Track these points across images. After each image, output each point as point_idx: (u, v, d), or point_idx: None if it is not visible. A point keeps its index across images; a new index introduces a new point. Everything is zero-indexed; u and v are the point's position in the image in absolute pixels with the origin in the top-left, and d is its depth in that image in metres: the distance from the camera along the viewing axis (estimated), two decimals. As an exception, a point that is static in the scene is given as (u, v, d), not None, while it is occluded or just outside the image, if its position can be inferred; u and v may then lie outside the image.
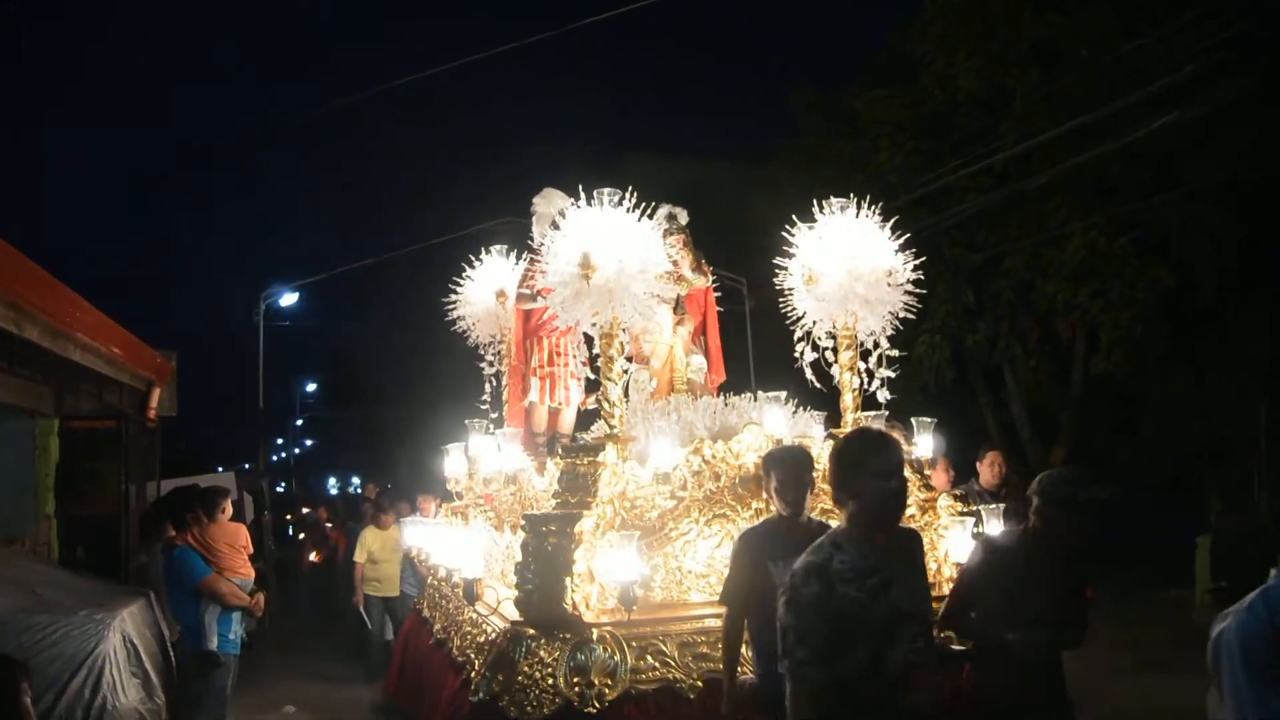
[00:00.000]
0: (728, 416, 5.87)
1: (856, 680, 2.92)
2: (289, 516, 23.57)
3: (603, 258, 5.30)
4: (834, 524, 3.64)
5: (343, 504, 18.47)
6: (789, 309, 6.11)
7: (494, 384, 8.27)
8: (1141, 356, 13.70)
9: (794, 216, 6.02)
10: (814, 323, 6.06)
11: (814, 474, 4.38)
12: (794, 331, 6.10)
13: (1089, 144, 12.04)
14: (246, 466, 21.30)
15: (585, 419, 7.73)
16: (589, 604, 4.87)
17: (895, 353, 5.99)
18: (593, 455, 5.18)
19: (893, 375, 6.00)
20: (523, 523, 5.04)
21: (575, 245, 5.34)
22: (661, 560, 5.15)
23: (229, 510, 6.74)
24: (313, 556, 15.18)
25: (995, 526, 5.44)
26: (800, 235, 5.99)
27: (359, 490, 39.41)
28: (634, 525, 5.16)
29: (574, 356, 7.57)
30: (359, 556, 10.28)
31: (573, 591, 4.79)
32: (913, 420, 6.17)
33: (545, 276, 5.53)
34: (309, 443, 48.62)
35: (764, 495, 5.32)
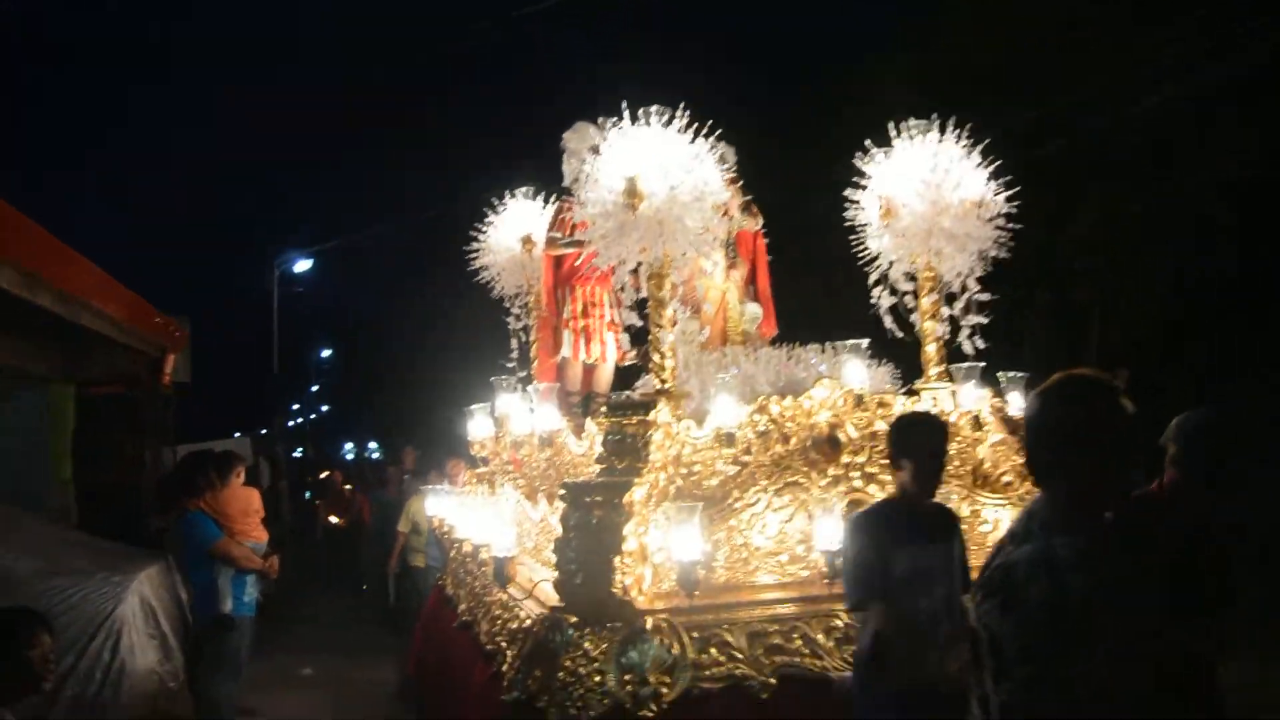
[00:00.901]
0: (794, 370, 5.12)
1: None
2: (308, 480, 22.96)
3: (652, 184, 4.55)
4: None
5: (370, 468, 17.74)
6: (859, 248, 5.35)
7: (521, 339, 7.53)
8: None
9: (868, 142, 5.24)
10: (889, 263, 5.29)
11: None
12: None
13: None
14: (264, 432, 20.84)
15: (623, 376, 7.03)
16: (641, 587, 4.16)
17: (986, 296, 5.21)
18: (643, 413, 4.44)
19: (984, 322, 5.23)
20: (562, 492, 4.31)
21: (620, 170, 4.58)
22: (724, 535, 4.43)
23: (242, 475, 6.81)
24: (334, 519, 14.52)
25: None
26: (874, 162, 5.20)
27: (375, 455, 39.04)
28: (691, 495, 4.45)
29: (610, 306, 6.84)
30: (403, 525, 9.65)
31: (623, 573, 4.07)
32: (999, 376, 5.39)
33: (583, 209, 4.76)
34: (325, 408, 48.21)
35: (839, 466, 4.62)
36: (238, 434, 16.54)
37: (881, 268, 5.29)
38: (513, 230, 7.42)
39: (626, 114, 4.68)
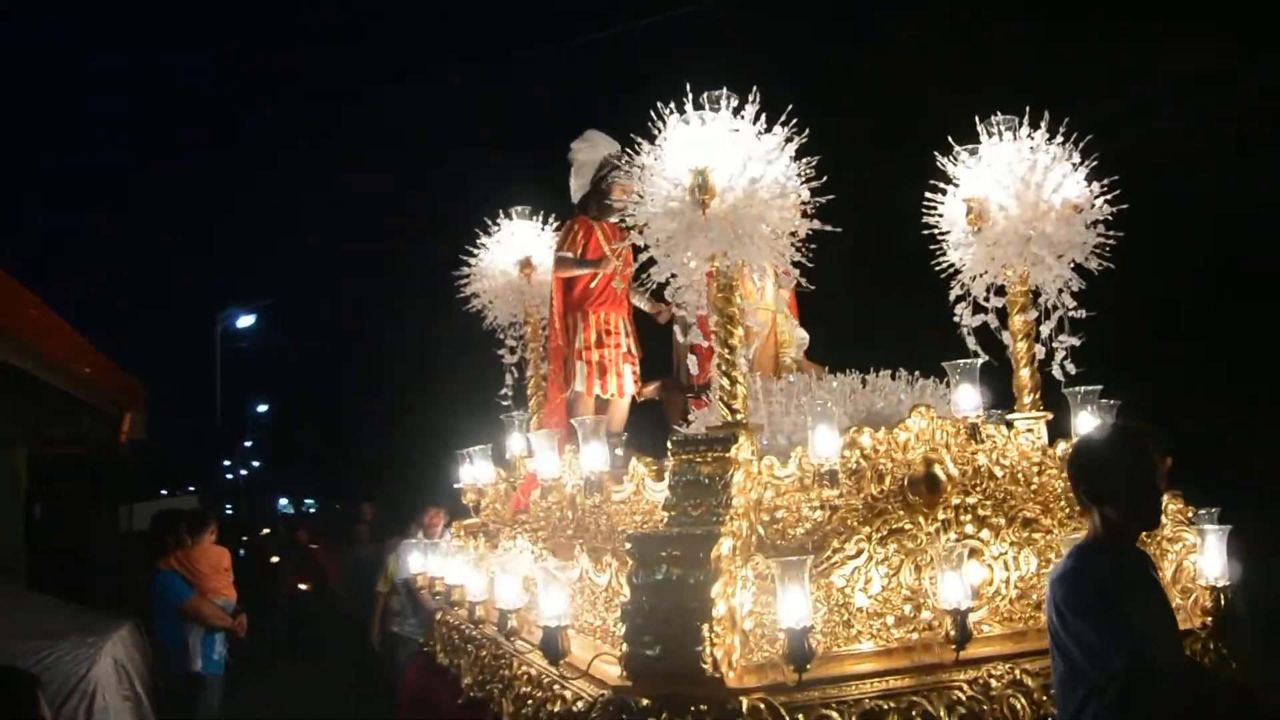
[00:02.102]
0: (871, 400, 4.41)
1: None
2: (244, 539, 21.63)
3: (727, 178, 3.84)
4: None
5: (324, 525, 16.33)
6: (939, 261, 4.69)
7: (515, 375, 6.74)
8: None
9: (950, 139, 4.60)
10: (973, 277, 4.64)
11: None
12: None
13: None
14: (191, 489, 20.15)
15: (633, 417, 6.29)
16: (731, 661, 3.38)
17: (1082, 313, 4.56)
18: (720, 450, 3.68)
19: (1077, 344, 4.58)
20: (628, 547, 3.52)
21: (687, 162, 3.86)
22: (822, 595, 3.67)
23: (214, 532, 6.96)
24: (302, 585, 13.10)
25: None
26: (961, 162, 4.57)
27: (310, 511, 37.55)
28: (775, 547, 3.70)
29: (627, 335, 6.11)
30: (383, 585, 8.66)
31: (711, 644, 3.29)
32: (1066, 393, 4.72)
33: (640, 205, 4.03)
34: (256, 464, 46.72)
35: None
36: (190, 489, 15.67)
37: (964, 282, 4.64)
38: (509, 253, 6.66)
39: (689, 102, 3.99)
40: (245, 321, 25.62)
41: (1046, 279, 4.48)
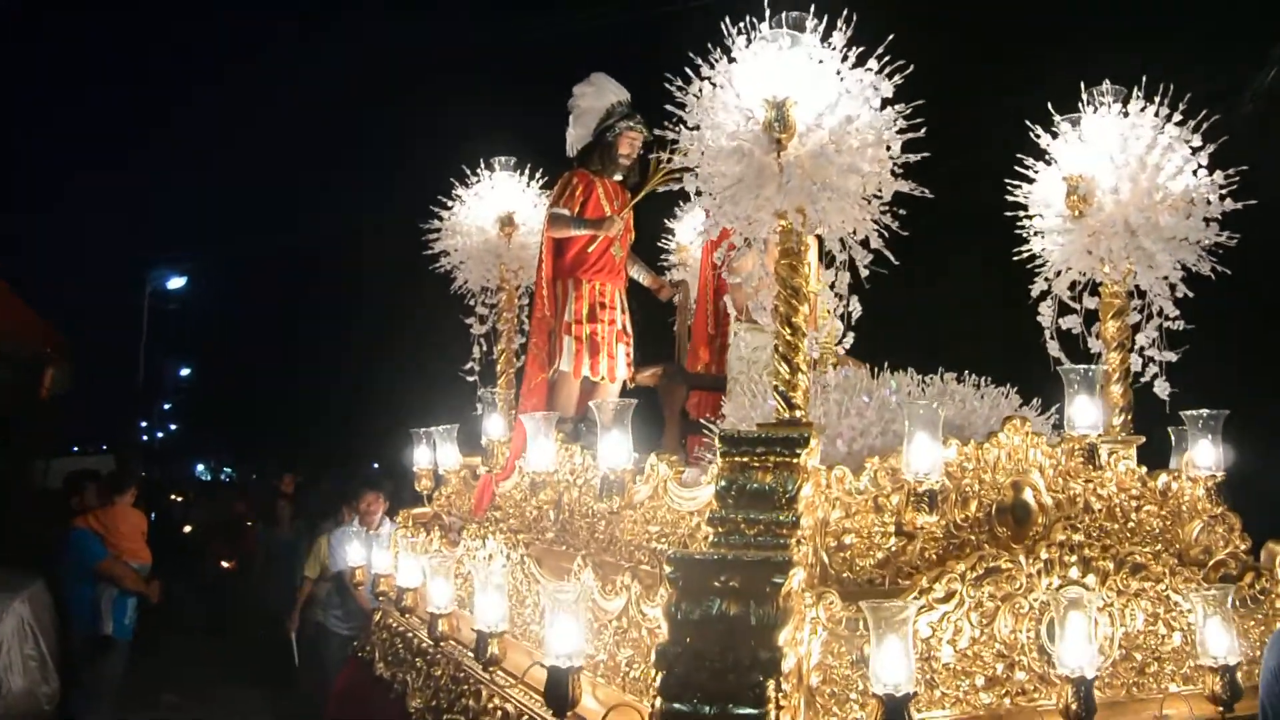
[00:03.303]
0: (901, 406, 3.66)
1: None
2: (156, 503, 20.26)
3: (813, 114, 3.07)
4: None
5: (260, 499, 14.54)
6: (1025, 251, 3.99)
7: (484, 347, 5.90)
8: None
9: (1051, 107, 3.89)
10: (1057, 272, 3.94)
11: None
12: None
13: None
14: (104, 448, 19.08)
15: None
16: (797, 726, 2.61)
17: (1180, 324, 3.87)
18: (787, 452, 2.90)
19: (1173, 358, 3.89)
20: (668, 572, 2.72)
21: (762, 90, 3.08)
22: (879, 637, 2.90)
23: (134, 495, 6.88)
24: (225, 563, 11.60)
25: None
26: (1060, 138, 3.86)
27: (228, 477, 36.05)
28: (841, 581, 2.96)
29: (623, 311, 5.32)
30: (310, 570, 7.69)
31: (777, 705, 2.52)
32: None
33: (698, 144, 3.23)
34: (173, 426, 45.01)
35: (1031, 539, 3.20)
36: (104, 447, 14.71)
37: (1049, 277, 3.94)
38: (488, 208, 5.82)
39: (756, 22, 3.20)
40: (175, 283, 25.11)
41: (1153, 279, 3.78)
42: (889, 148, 3.18)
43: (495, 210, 5.78)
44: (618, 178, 5.40)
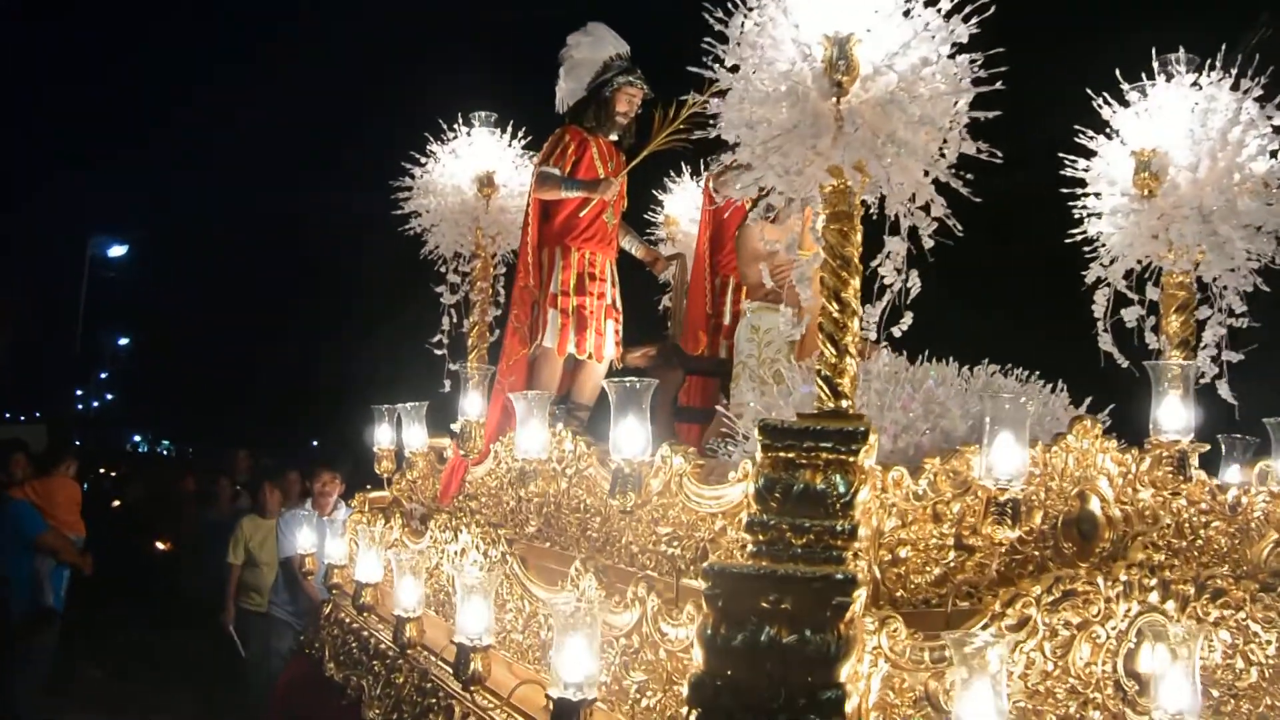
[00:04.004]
0: (984, 403, 3.24)
1: None
2: (89, 475, 19.28)
3: (882, 54, 2.62)
4: None
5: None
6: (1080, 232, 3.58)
7: (454, 319, 5.40)
8: None
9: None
10: (1111, 259, 3.54)
11: None
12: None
13: None
14: (37, 415, 18.45)
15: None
16: (852, 780, 2.17)
17: (1243, 320, 3.49)
18: (843, 449, 2.45)
19: (1236, 359, 3.51)
20: (705, 588, 2.26)
21: (821, 24, 2.62)
22: (961, 678, 2.47)
23: (72, 468, 6.96)
24: (160, 544, 10.75)
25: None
26: (1128, 104, 3.45)
27: (166, 450, 35.02)
28: (894, 601, 2.53)
29: (613, 284, 4.86)
30: (234, 556, 7.10)
31: (836, 755, 2.08)
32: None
33: (741, 85, 2.75)
34: (109, 396, 43.71)
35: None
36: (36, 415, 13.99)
37: (1104, 264, 3.53)
38: (465, 167, 5.32)
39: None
40: (116, 251, 24.90)
41: (1225, 269, 3.39)
42: (957, 102, 2.75)
43: (473, 169, 5.28)
44: (613, 137, 4.94)
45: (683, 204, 6.03)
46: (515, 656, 3.39)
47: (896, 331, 2.81)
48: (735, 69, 2.78)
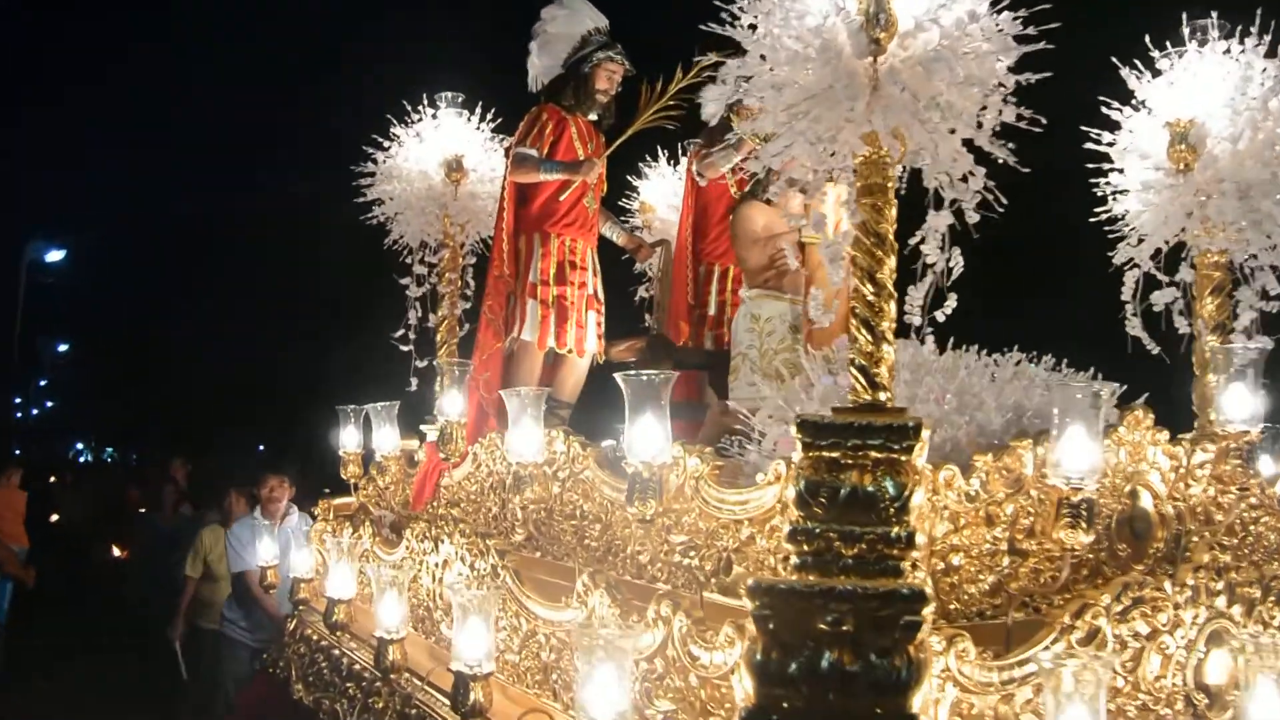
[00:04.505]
0: (1022, 393, 3.00)
1: None
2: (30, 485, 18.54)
3: (923, 8, 2.36)
4: None
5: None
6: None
7: (419, 311, 5.10)
8: None
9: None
10: (1138, 239, 3.32)
11: None
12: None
13: None
14: None
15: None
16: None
17: (1275, 305, 3.29)
18: (896, 446, 2.18)
19: (1268, 345, 3.30)
20: (753, 608, 1.97)
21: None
22: (1018, 702, 2.22)
23: (16, 477, 7.14)
24: (116, 551, 10.07)
25: None
26: (1159, 72, 3.23)
27: (110, 458, 34.09)
28: (949, 615, 2.27)
29: (595, 273, 4.57)
30: (192, 569, 6.67)
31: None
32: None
33: (765, 42, 2.48)
34: (49, 404, 42.51)
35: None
36: None
37: (1131, 243, 3.31)
38: (432, 151, 5.00)
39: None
40: (54, 256, 23.93)
41: (1263, 247, 3.18)
42: (999, 64, 2.49)
43: (440, 153, 4.97)
44: (592, 117, 4.65)
45: (660, 190, 5.76)
46: (510, 679, 3.09)
47: (940, 316, 2.54)
48: (755, 27, 2.51)
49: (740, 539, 2.54)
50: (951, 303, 2.60)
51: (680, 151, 5.74)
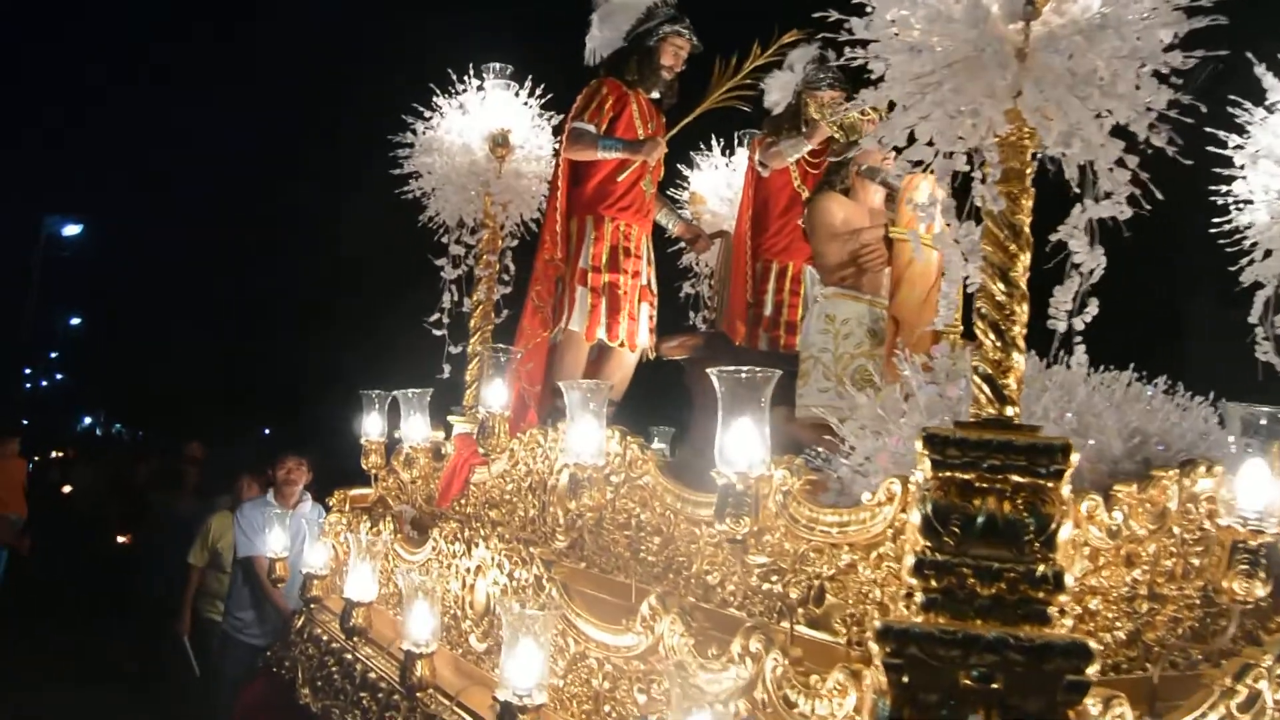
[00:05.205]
0: (1144, 417, 2.67)
1: None
2: (34, 458, 18.11)
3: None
4: None
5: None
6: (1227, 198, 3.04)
7: (454, 297, 4.79)
8: None
9: None
10: (1265, 253, 3.00)
11: None
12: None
13: None
14: None
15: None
16: None
17: None
18: (1044, 470, 1.87)
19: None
20: (884, 654, 1.66)
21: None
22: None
23: (14, 445, 7.06)
24: (121, 538, 9.61)
25: None
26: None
27: (121, 433, 34.00)
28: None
29: (649, 262, 4.26)
30: (196, 557, 6.36)
31: None
32: None
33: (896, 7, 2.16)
34: (59, 376, 42.41)
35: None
36: None
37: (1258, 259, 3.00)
38: (476, 125, 4.70)
39: None
40: (71, 230, 24.64)
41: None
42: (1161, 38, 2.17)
43: (485, 128, 4.66)
44: (654, 95, 4.34)
45: (712, 182, 5.44)
46: (553, 704, 2.78)
47: (1079, 323, 2.23)
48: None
49: (838, 565, 2.22)
50: (1093, 308, 2.28)
51: (736, 141, 5.44)
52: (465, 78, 4.77)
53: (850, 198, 3.72)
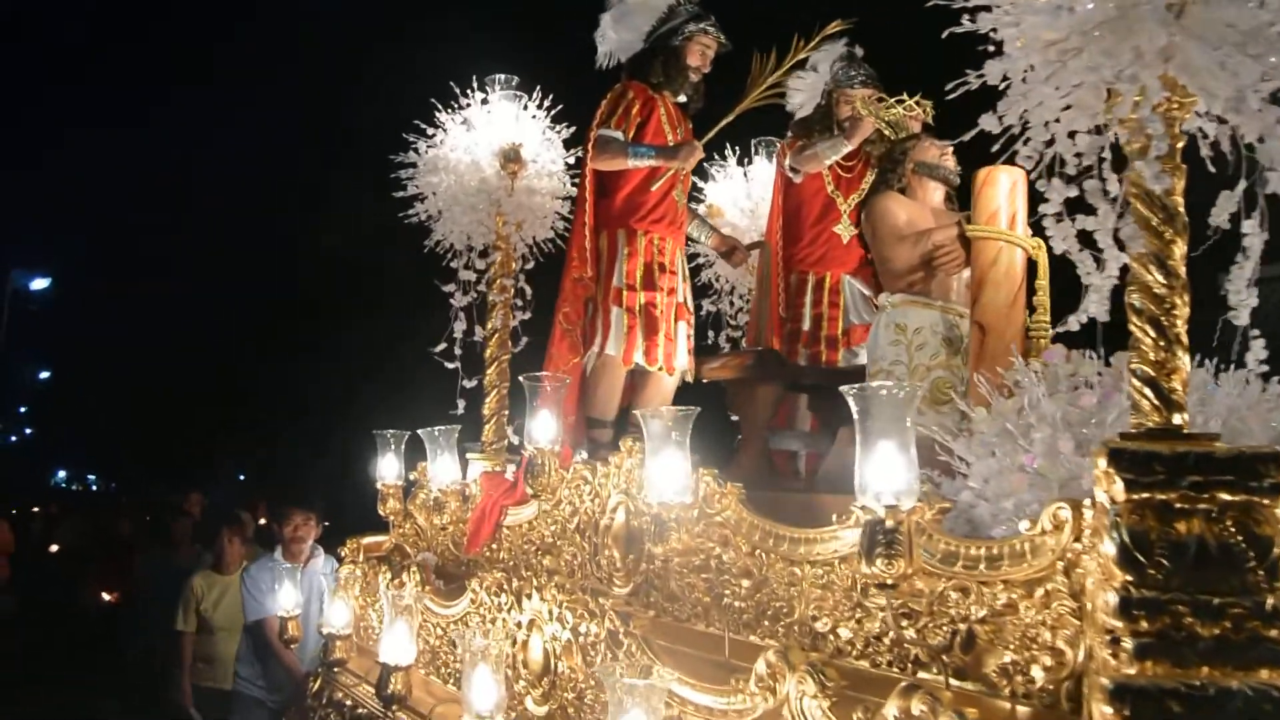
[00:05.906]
0: (1267, 414, 2.41)
1: None
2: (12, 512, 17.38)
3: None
4: None
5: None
6: None
7: (466, 322, 4.50)
8: None
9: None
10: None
11: None
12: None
13: None
14: None
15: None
16: None
17: None
18: (1256, 484, 1.59)
19: None
20: (1126, 714, 1.37)
21: None
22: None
23: None
24: (106, 595, 8.91)
25: None
26: None
27: (95, 486, 33.30)
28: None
29: (684, 278, 3.98)
30: (184, 623, 5.95)
31: None
32: None
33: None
34: (29, 431, 41.69)
35: None
36: None
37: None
38: (484, 141, 4.42)
39: None
40: (39, 284, 23.86)
41: None
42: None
43: (494, 143, 4.38)
44: (681, 99, 4.07)
45: (729, 192, 5.18)
46: None
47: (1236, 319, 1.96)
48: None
49: (995, 606, 1.92)
50: (1252, 299, 2.01)
51: (753, 149, 5.19)
52: (469, 91, 4.50)
53: (908, 197, 3.46)
